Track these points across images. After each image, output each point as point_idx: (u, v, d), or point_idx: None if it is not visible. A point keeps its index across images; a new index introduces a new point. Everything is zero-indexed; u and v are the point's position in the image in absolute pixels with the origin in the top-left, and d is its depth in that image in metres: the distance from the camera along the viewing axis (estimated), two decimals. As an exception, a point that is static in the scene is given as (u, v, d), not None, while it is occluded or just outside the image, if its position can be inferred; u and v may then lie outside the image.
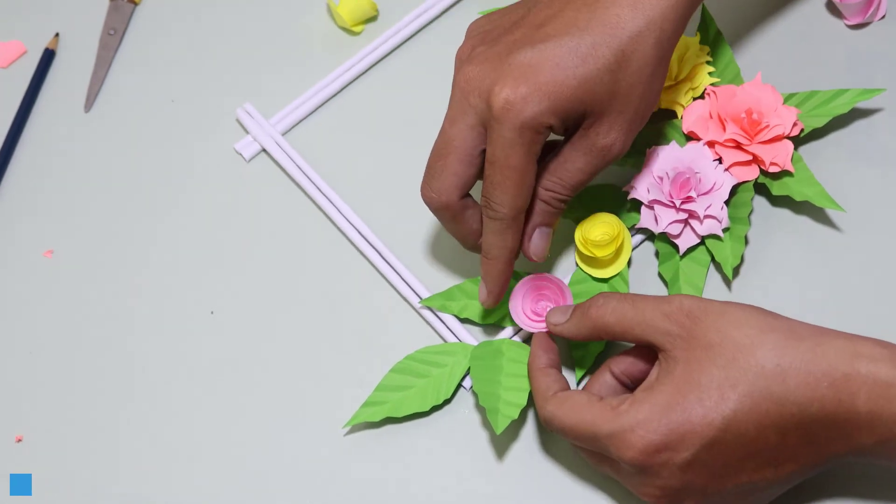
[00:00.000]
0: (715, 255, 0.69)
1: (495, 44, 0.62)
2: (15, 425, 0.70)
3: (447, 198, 0.64)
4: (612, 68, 0.61)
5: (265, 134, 0.76)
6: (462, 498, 0.66)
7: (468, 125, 0.62)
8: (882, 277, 0.70)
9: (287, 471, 0.67)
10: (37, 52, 0.81)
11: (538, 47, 0.60)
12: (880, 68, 0.75)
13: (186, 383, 0.70)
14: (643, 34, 0.61)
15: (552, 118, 0.60)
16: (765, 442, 0.57)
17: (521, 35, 0.62)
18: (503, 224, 0.63)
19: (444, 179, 0.63)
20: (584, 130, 0.63)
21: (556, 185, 0.64)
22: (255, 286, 0.73)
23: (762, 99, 0.70)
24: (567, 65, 0.60)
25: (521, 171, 0.61)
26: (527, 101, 0.60)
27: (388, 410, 0.67)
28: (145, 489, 0.68)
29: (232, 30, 0.81)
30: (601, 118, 0.62)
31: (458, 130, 0.62)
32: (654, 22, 0.61)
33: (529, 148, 0.61)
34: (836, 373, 0.57)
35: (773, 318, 0.59)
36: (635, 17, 0.61)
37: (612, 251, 0.68)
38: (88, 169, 0.77)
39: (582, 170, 0.63)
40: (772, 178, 0.70)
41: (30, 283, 0.74)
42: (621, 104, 0.62)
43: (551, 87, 0.60)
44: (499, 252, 0.64)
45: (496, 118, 0.60)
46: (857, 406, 0.56)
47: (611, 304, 0.62)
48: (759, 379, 0.57)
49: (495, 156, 0.61)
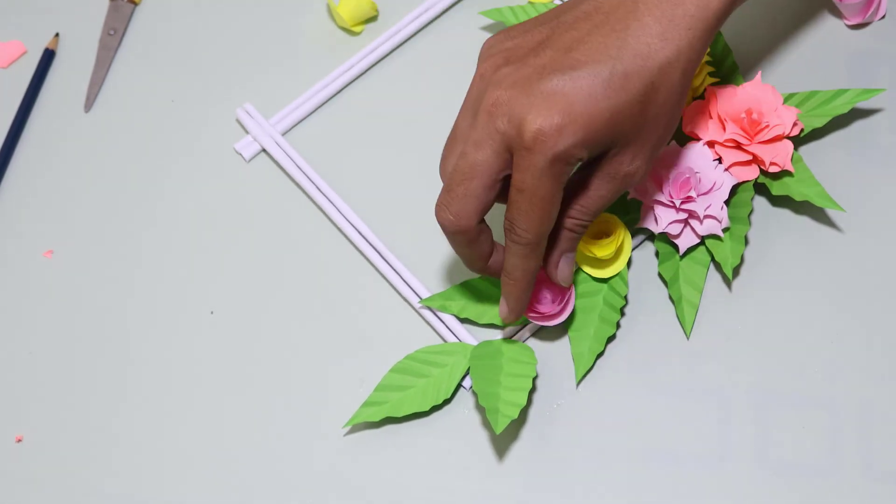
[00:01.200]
0: (715, 255, 0.69)
1: (522, 65, 0.61)
2: (15, 425, 0.70)
3: (467, 223, 0.62)
4: (642, 100, 0.60)
5: (265, 134, 0.76)
6: (462, 498, 0.66)
7: (494, 150, 0.60)
8: (882, 277, 0.70)
9: (287, 470, 0.67)
10: (37, 52, 0.81)
11: (570, 75, 0.59)
12: (880, 68, 0.75)
13: (186, 383, 0.70)
14: (672, 65, 0.60)
15: (583, 150, 0.60)
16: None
17: (550, 59, 0.60)
18: (528, 249, 0.62)
19: (467, 204, 0.62)
20: (608, 160, 0.62)
21: (580, 213, 0.63)
22: (255, 286, 0.73)
23: (762, 99, 0.70)
24: (599, 95, 0.59)
25: (550, 201, 0.60)
26: (561, 132, 0.59)
27: (388, 410, 0.67)
28: (145, 489, 0.68)
29: (232, 30, 0.81)
30: (625, 148, 0.61)
31: (484, 156, 0.61)
32: (683, 52, 0.60)
33: (559, 179, 0.60)
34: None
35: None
36: (665, 47, 0.60)
37: (612, 251, 0.68)
38: (88, 169, 0.77)
39: (605, 196, 0.63)
40: (772, 178, 0.70)
41: (29, 284, 0.74)
42: (646, 133, 0.61)
43: (584, 118, 0.59)
44: (522, 274, 0.63)
45: (527, 147, 0.59)
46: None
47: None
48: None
49: (525, 184, 0.60)
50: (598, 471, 0.66)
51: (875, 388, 0.67)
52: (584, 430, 0.67)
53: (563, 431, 0.67)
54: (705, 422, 0.67)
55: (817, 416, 0.66)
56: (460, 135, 0.62)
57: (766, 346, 0.68)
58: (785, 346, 0.68)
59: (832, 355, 0.68)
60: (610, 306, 0.68)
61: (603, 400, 0.68)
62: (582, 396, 0.68)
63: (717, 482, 0.65)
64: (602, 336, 0.68)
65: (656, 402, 0.67)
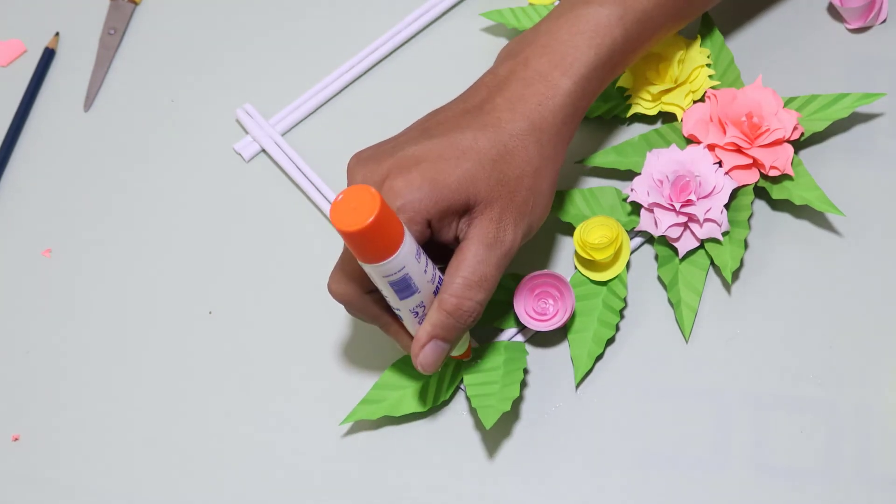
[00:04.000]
0: (714, 258, 0.69)
1: (379, 151, 0.63)
2: (12, 425, 0.70)
3: (347, 295, 0.63)
4: (495, 158, 0.62)
5: (264, 134, 0.76)
6: (459, 499, 0.66)
7: None
8: (882, 282, 0.69)
9: (285, 470, 0.67)
10: (37, 52, 0.81)
11: (423, 143, 0.62)
12: (881, 72, 0.75)
13: (184, 382, 0.70)
14: (524, 133, 0.63)
15: (432, 208, 0.60)
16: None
17: (406, 139, 0.63)
18: (348, 310, 0.64)
19: (342, 278, 0.63)
20: (474, 221, 0.61)
21: (460, 287, 0.60)
22: (254, 286, 0.73)
23: (763, 102, 0.70)
24: (450, 157, 0.61)
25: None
26: (411, 185, 0.60)
27: (386, 409, 0.67)
28: (143, 488, 0.68)
29: (232, 30, 0.81)
30: (489, 207, 0.61)
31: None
32: (535, 123, 0.63)
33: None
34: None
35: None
36: (514, 118, 0.63)
37: (611, 254, 0.68)
38: (88, 169, 0.77)
39: (484, 261, 0.61)
40: (772, 181, 0.70)
41: (28, 283, 0.74)
42: (510, 192, 0.62)
43: (436, 175, 0.60)
44: (383, 325, 0.65)
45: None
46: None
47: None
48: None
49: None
50: (597, 473, 0.66)
51: (873, 393, 0.67)
52: (582, 432, 0.67)
53: (561, 434, 0.67)
54: (704, 425, 0.67)
55: (816, 420, 0.66)
56: None
57: (765, 349, 0.68)
58: (784, 350, 0.68)
59: (831, 359, 0.68)
60: (609, 309, 0.68)
61: (601, 403, 0.68)
62: (581, 399, 0.68)
63: (714, 485, 0.65)
64: (601, 339, 0.68)
65: (655, 405, 0.67)
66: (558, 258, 0.71)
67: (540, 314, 0.67)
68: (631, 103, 0.73)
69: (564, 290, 0.67)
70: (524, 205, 0.62)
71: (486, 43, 0.79)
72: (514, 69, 0.65)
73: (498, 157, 0.62)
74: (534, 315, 0.67)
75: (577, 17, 0.65)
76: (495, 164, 0.61)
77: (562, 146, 0.65)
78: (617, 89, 0.74)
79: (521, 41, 0.66)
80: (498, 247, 0.62)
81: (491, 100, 0.64)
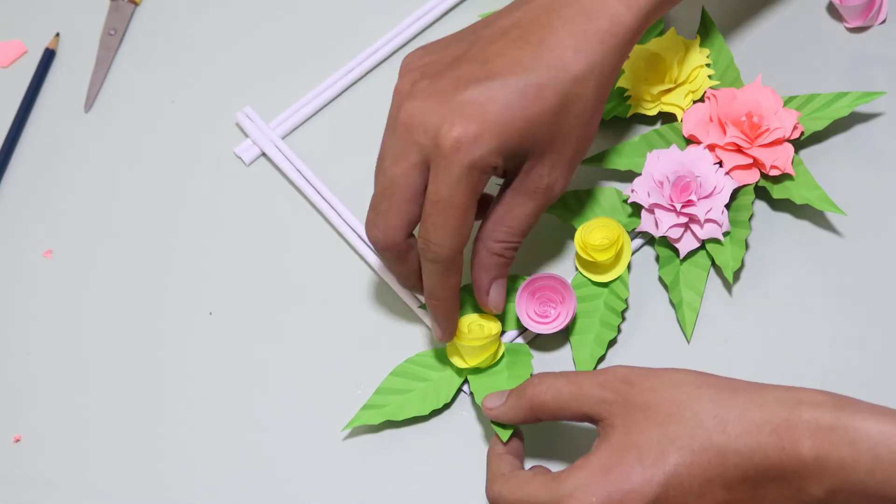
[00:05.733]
0: (715, 258, 0.69)
1: (439, 78, 0.61)
2: (13, 426, 0.70)
3: (394, 237, 0.63)
4: (556, 110, 0.61)
5: (265, 138, 0.76)
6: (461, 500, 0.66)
7: (412, 163, 0.61)
8: (882, 281, 0.69)
9: (285, 473, 0.67)
10: (37, 52, 0.81)
11: (485, 85, 0.60)
12: (881, 72, 0.75)
13: (185, 384, 0.70)
14: (586, 77, 0.62)
15: (499, 159, 0.60)
16: (712, 497, 0.56)
17: (467, 71, 0.61)
18: (444, 266, 0.62)
19: (391, 219, 0.62)
20: (525, 173, 0.62)
21: (507, 235, 0.63)
22: (254, 288, 0.73)
23: (762, 102, 0.70)
24: (515, 105, 0.60)
25: (465, 211, 0.61)
26: (477, 140, 0.59)
27: (388, 414, 0.67)
28: (143, 489, 0.68)
29: (232, 32, 0.81)
30: (542, 159, 0.62)
31: (402, 169, 0.61)
32: (596, 65, 0.62)
33: (475, 188, 0.60)
34: (778, 419, 0.56)
35: (710, 377, 0.59)
36: (578, 60, 0.61)
37: (612, 255, 0.68)
38: (88, 169, 0.77)
39: (529, 214, 0.63)
40: (772, 181, 0.70)
41: (29, 284, 0.74)
42: (561, 144, 0.62)
43: (500, 127, 0.60)
44: (444, 293, 0.63)
45: (445, 156, 0.59)
46: (801, 453, 0.55)
47: (546, 382, 0.61)
48: (699, 430, 0.56)
49: (439, 194, 0.60)
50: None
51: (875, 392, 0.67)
52: (583, 434, 0.67)
53: (564, 436, 0.67)
54: (705, 426, 0.67)
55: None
56: (384, 152, 0.63)
57: (767, 349, 0.68)
58: (785, 350, 0.68)
59: (832, 359, 0.68)
60: (611, 310, 0.68)
61: (602, 403, 0.68)
62: (581, 400, 0.68)
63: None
64: (603, 340, 0.68)
65: (656, 406, 0.67)
66: (559, 260, 0.71)
67: (542, 317, 0.67)
68: (631, 104, 0.74)
69: (566, 293, 0.67)
70: (575, 155, 0.63)
71: (486, 43, 0.79)
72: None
73: (560, 109, 0.61)
74: (535, 318, 0.67)
75: None
76: (557, 117, 0.61)
77: (613, 82, 0.64)
78: (617, 90, 0.74)
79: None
80: (544, 195, 0.63)
81: (553, 30, 0.62)
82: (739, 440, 0.56)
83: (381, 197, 0.62)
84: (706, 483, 0.56)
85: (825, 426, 0.55)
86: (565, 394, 0.60)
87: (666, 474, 0.56)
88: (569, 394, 0.60)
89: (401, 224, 0.62)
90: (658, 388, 0.58)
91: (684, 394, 0.57)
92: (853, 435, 0.55)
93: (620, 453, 0.57)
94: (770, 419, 0.56)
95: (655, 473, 0.56)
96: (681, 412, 0.57)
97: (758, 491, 0.56)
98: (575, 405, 0.60)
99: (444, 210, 0.60)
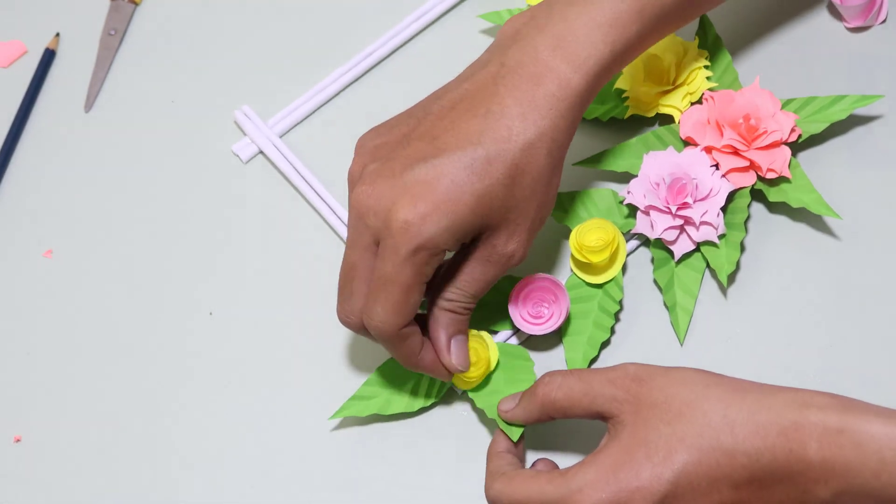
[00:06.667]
0: (710, 261, 0.69)
1: (388, 160, 0.61)
2: (13, 426, 0.70)
3: (356, 321, 0.63)
4: (507, 182, 0.60)
5: (262, 136, 0.76)
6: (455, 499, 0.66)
7: (366, 246, 0.61)
8: (879, 284, 0.69)
9: (287, 471, 0.68)
10: (37, 52, 0.81)
11: (432, 163, 0.60)
12: (880, 73, 0.75)
13: (184, 383, 0.70)
14: (535, 145, 0.61)
15: (450, 239, 0.60)
16: (718, 496, 0.57)
17: (415, 149, 0.61)
18: (391, 341, 0.62)
19: (356, 303, 0.62)
20: (483, 243, 0.62)
21: (458, 295, 0.63)
22: (253, 287, 0.73)
23: (760, 104, 0.70)
24: (463, 181, 0.60)
25: (408, 291, 0.60)
26: (426, 220, 0.59)
27: (377, 407, 0.67)
28: (142, 487, 0.68)
29: (231, 31, 0.81)
30: (498, 230, 0.62)
31: (358, 254, 0.61)
32: (546, 132, 0.61)
33: (421, 269, 0.60)
34: (785, 421, 0.56)
35: (719, 377, 0.59)
36: (526, 128, 0.61)
37: (607, 257, 0.68)
38: (88, 169, 0.77)
39: (483, 279, 0.63)
40: (769, 184, 0.70)
41: (29, 284, 0.74)
42: (516, 215, 0.62)
43: (449, 205, 0.59)
44: (406, 360, 0.63)
45: (393, 236, 0.59)
46: (808, 455, 0.55)
47: (556, 380, 0.61)
48: (707, 430, 0.56)
49: (384, 270, 0.60)
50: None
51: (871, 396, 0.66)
52: (578, 434, 0.67)
53: (557, 436, 0.67)
54: (699, 428, 0.67)
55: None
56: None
57: (761, 353, 0.68)
58: (779, 354, 0.68)
59: (827, 363, 0.68)
60: (605, 311, 0.68)
61: (597, 406, 0.68)
62: (576, 402, 0.68)
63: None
64: (596, 341, 0.68)
65: (650, 409, 0.67)
66: (554, 260, 0.71)
67: (535, 317, 0.67)
68: (628, 105, 0.73)
69: (559, 294, 0.67)
70: (533, 222, 0.63)
71: (484, 45, 0.78)
72: (522, 61, 0.62)
73: (511, 181, 0.61)
74: (529, 318, 0.67)
75: (595, 5, 0.62)
76: (508, 189, 0.61)
77: (567, 146, 0.64)
78: (614, 91, 0.74)
79: (530, 23, 0.63)
80: (499, 264, 0.63)
81: (500, 99, 0.61)
82: (748, 441, 0.56)
83: (344, 282, 0.63)
84: (714, 482, 0.56)
85: (832, 429, 0.55)
86: (576, 392, 0.60)
87: (675, 472, 0.56)
88: (580, 392, 0.60)
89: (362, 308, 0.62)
90: (667, 386, 0.58)
91: (693, 393, 0.58)
92: (859, 437, 0.55)
93: (630, 451, 0.57)
94: (778, 421, 0.56)
95: (664, 471, 0.56)
96: (690, 411, 0.57)
97: (764, 491, 0.56)
98: (586, 403, 0.60)
99: (385, 287, 0.60)
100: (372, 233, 0.61)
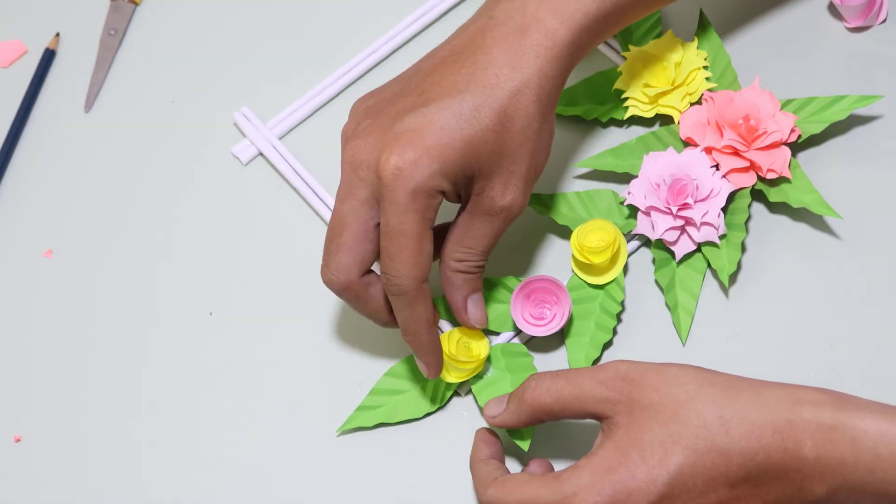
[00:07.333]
0: (711, 262, 0.69)
1: (379, 116, 0.62)
2: (14, 425, 0.70)
3: (346, 277, 0.63)
4: (496, 129, 0.61)
5: (262, 138, 0.76)
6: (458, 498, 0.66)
7: (360, 200, 0.61)
8: (879, 285, 0.69)
9: (282, 472, 0.68)
10: (37, 52, 0.81)
11: (420, 112, 0.61)
12: (880, 73, 0.75)
13: (184, 383, 0.71)
14: (522, 91, 0.62)
15: (443, 181, 0.60)
16: (715, 495, 0.57)
17: (405, 104, 0.62)
18: (409, 298, 0.62)
19: (342, 258, 0.62)
20: (478, 195, 0.63)
21: (468, 254, 0.64)
22: (253, 288, 0.73)
23: (760, 105, 0.70)
24: (451, 127, 0.60)
25: (417, 239, 0.61)
26: (416, 165, 0.60)
27: (382, 416, 0.67)
28: (143, 488, 0.68)
29: (231, 32, 0.81)
30: (491, 180, 0.62)
31: (349, 207, 0.62)
32: (532, 79, 0.62)
33: (423, 214, 0.60)
34: (779, 420, 0.56)
35: (712, 374, 0.59)
36: (513, 76, 0.62)
37: (608, 257, 0.68)
38: (88, 169, 0.77)
39: (487, 234, 0.63)
40: (769, 184, 0.70)
41: (29, 284, 0.74)
42: (510, 163, 0.62)
43: (438, 149, 0.60)
44: (416, 326, 0.63)
45: (387, 186, 0.60)
46: (803, 452, 0.56)
47: (544, 384, 0.61)
48: (702, 431, 0.56)
49: (389, 225, 0.60)
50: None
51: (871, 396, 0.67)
52: (580, 436, 0.67)
53: (559, 437, 0.67)
54: (700, 429, 0.67)
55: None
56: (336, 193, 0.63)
57: (763, 353, 0.68)
58: (781, 354, 0.68)
59: (828, 364, 0.68)
60: (606, 312, 0.68)
61: (598, 406, 0.68)
62: (577, 402, 0.68)
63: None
64: (598, 342, 0.68)
65: (651, 409, 0.67)
66: (555, 261, 0.71)
67: (537, 319, 0.67)
68: (628, 106, 0.73)
69: (561, 295, 0.67)
70: (528, 170, 0.63)
71: (484, 44, 0.79)
72: (510, 14, 0.63)
73: (500, 127, 0.61)
74: (531, 320, 0.67)
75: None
76: (498, 135, 0.61)
77: (557, 96, 0.64)
78: (614, 91, 0.74)
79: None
80: (500, 216, 0.63)
81: (487, 50, 0.62)
82: (742, 441, 0.56)
83: (331, 237, 0.63)
84: (710, 482, 0.56)
85: (826, 425, 0.56)
86: (566, 395, 0.60)
87: (670, 474, 0.56)
88: (570, 395, 0.60)
89: (352, 262, 0.62)
90: (661, 386, 0.58)
91: (686, 393, 0.58)
92: (853, 433, 0.55)
93: (625, 452, 0.57)
94: (772, 420, 0.56)
95: (660, 473, 0.56)
96: (684, 412, 0.57)
97: (760, 488, 0.57)
98: (577, 405, 0.60)
99: (396, 240, 0.61)
100: (366, 185, 0.61)
